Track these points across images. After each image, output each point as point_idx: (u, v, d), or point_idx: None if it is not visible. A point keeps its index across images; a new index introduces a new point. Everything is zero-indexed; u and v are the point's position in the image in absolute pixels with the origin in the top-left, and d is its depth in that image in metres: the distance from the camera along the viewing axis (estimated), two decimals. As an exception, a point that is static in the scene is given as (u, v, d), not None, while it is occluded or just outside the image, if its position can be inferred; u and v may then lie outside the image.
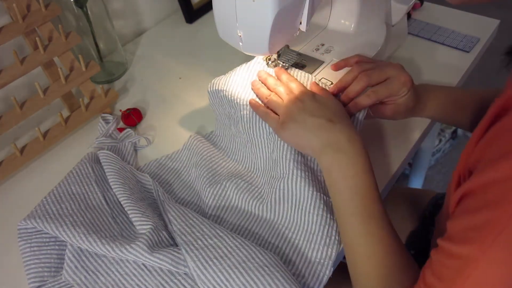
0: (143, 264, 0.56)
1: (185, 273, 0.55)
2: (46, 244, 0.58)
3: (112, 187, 0.62)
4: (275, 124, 0.57)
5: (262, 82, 0.63)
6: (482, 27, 0.91)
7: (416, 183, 1.42)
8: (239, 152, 0.68)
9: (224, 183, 0.64)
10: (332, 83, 0.69)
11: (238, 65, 0.70)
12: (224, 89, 0.64)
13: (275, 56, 0.68)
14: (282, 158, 0.58)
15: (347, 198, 0.51)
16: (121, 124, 0.78)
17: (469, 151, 0.40)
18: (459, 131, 1.65)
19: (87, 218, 0.58)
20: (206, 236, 0.55)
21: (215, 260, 0.53)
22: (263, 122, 0.60)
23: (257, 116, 0.61)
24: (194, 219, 0.58)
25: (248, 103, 0.62)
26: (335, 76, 0.70)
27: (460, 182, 0.42)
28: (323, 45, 0.76)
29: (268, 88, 0.62)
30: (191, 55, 0.93)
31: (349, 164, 0.51)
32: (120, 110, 0.79)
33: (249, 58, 0.71)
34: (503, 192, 0.34)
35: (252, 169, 0.66)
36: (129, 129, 0.74)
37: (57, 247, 0.58)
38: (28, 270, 0.56)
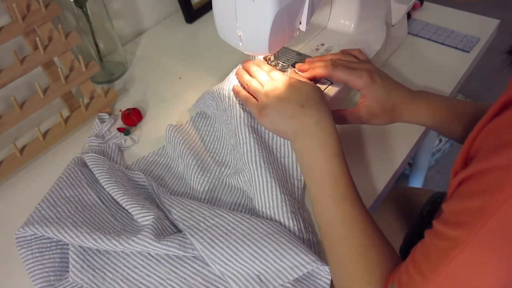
0: (149, 254, 0.56)
1: (193, 256, 0.56)
2: (48, 249, 0.58)
3: (105, 187, 0.62)
4: (255, 110, 0.60)
5: (246, 71, 0.66)
6: (482, 27, 0.91)
7: (416, 183, 1.42)
8: (218, 141, 0.71)
9: (212, 168, 0.66)
10: (331, 83, 0.69)
11: (238, 65, 0.70)
12: (207, 92, 0.70)
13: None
14: (238, 125, 0.62)
15: (320, 181, 0.52)
16: (121, 124, 0.78)
17: (471, 141, 0.40)
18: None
19: (86, 218, 0.58)
20: (207, 218, 0.57)
21: (220, 238, 0.54)
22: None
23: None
24: (192, 205, 0.59)
25: (228, 89, 0.66)
26: (335, 76, 0.70)
27: (457, 169, 0.43)
28: (323, 45, 0.76)
29: (250, 75, 0.65)
30: (191, 55, 0.93)
31: (319, 147, 0.53)
32: (120, 110, 0.79)
33: (248, 58, 0.71)
34: (497, 180, 0.34)
35: (229, 148, 0.69)
36: (116, 132, 0.74)
37: (59, 251, 0.58)
38: (34, 276, 0.56)
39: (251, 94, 0.62)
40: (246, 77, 0.64)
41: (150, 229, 0.55)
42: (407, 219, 0.80)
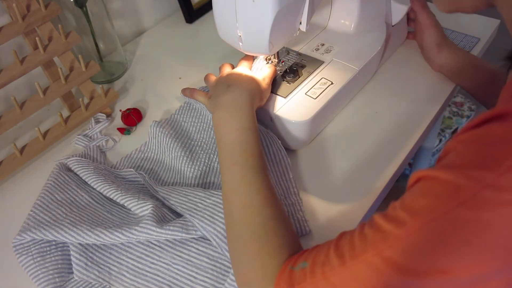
0: (151, 243, 0.57)
1: (194, 239, 0.57)
2: (48, 252, 0.58)
3: (94, 187, 0.62)
4: (203, 98, 0.68)
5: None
6: (482, 27, 0.91)
7: (416, 183, 1.41)
8: (204, 130, 0.73)
9: (201, 157, 0.67)
10: (332, 83, 0.69)
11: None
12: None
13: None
14: None
15: (229, 150, 0.55)
16: (121, 124, 0.78)
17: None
18: (459, 130, 1.65)
19: (83, 217, 0.59)
20: (204, 198, 0.58)
21: (220, 214, 0.55)
22: None
23: None
24: (187, 190, 0.60)
25: None
26: (335, 76, 0.70)
27: None
28: (323, 45, 0.76)
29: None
30: (191, 55, 0.93)
31: (231, 119, 0.57)
32: (120, 110, 0.79)
33: (250, 58, 0.71)
34: (446, 191, 0.35)
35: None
36: (102, 137, 0.75)
37: (59, 253, 0.58)
38: (38, 280, 0.56)
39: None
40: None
41: (150, 217, 0.56)
42: None
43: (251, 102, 0.60)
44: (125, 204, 0.60)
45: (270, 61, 0.70)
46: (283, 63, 0.73)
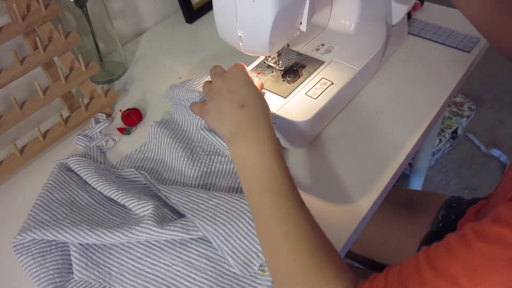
0: (151, 243, 0.57)
1: (195, 240, 0.57)
2: (48, 252, 0.58)
3: (95, 186, 0.62)
4: (198, 109, 0.61)
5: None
6: (482, 27, 0.91)
7: (416, 183, 1.42)
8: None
9: (202, 158, 0.68)
10: (332, 83, 0.69)
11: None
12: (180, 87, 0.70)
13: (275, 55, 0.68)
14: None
15: (256, 177, 0.50)
16: (121, 124, 0.78)
17: None
18: (459, 130, 1.65)
19: (84, 217, 0.59)
20: (206, 200, 0.58)
21: (222, 216, 0.55)
22: None
23: None
24: (189, 190, 0.60)
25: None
26: (335, 76, 0.70)
27: None
28: (323, 45, 0.76)
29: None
30: (191, 55, 0.93)
31: (255, 145, 0.52)
32: (120, 110, 0.79)
33: (249, 58, 0.71)
34: None
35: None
36: (103, 137, 0.75)
37: (60, 253, 0.58)
38: (38, 280, 0.56)
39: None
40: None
41: (151, 217, 0.56)
42: (420, 224, 0.80)
43: (270, 119, 0.55)
44: (126, 204, 0.60)
45: (270, 58, 0.70)
46: (281, 62, 0.73)
